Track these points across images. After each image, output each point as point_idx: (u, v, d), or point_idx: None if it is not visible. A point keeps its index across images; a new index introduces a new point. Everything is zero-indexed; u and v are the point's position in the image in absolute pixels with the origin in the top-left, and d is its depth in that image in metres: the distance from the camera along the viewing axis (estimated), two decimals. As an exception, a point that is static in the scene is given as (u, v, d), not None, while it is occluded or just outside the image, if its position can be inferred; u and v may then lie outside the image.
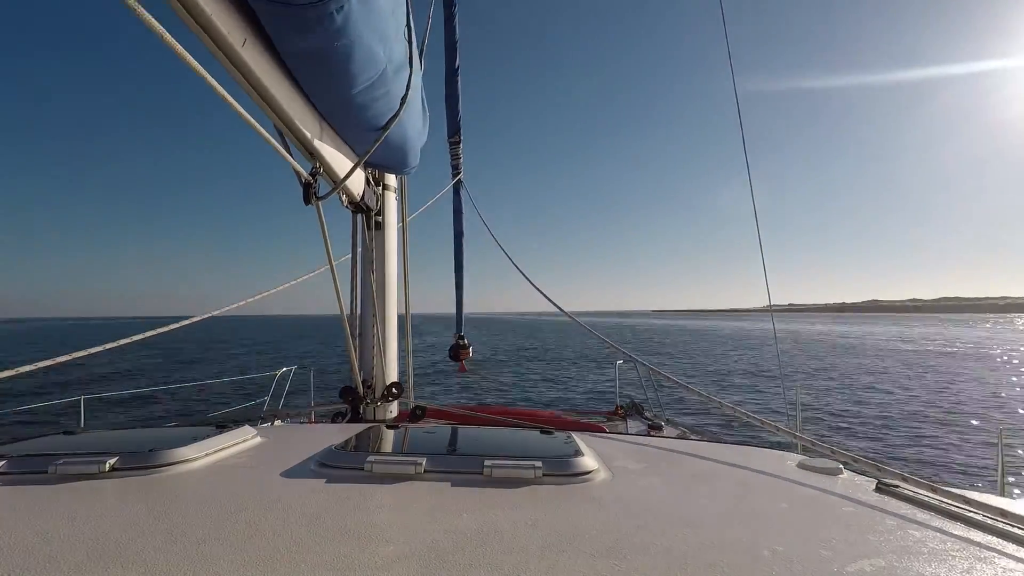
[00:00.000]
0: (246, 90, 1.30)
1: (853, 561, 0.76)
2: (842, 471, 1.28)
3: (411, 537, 0.82)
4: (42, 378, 17.56)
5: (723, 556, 0.76)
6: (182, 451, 1.24)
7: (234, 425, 1.56)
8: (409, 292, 2.89)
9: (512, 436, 1.55)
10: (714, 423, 10.61)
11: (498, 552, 0.76)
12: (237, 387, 13.99)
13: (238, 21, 1.14)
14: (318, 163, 1.68)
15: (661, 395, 4.95)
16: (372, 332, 2.50)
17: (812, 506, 1.03)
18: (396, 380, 2.58)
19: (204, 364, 28.63)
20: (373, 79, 1.50)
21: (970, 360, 27.58)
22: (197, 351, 36.98)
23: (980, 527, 0.93)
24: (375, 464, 1.16)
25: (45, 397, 5.65)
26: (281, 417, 2.82)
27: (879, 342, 42.41)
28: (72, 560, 0.72)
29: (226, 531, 0.83)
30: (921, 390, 17.04)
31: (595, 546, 0.79)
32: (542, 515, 0.92)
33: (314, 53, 1.28)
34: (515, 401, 15.09)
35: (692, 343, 43.17)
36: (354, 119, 1.69)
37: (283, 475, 1.16)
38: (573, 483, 1.12)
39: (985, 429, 11.23)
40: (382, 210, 2.58)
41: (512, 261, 3.35)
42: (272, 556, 0.74)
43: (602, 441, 1.61)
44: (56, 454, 1.19)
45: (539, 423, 2.67)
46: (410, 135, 2.12)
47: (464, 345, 3.74)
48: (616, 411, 4.44)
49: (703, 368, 24.54)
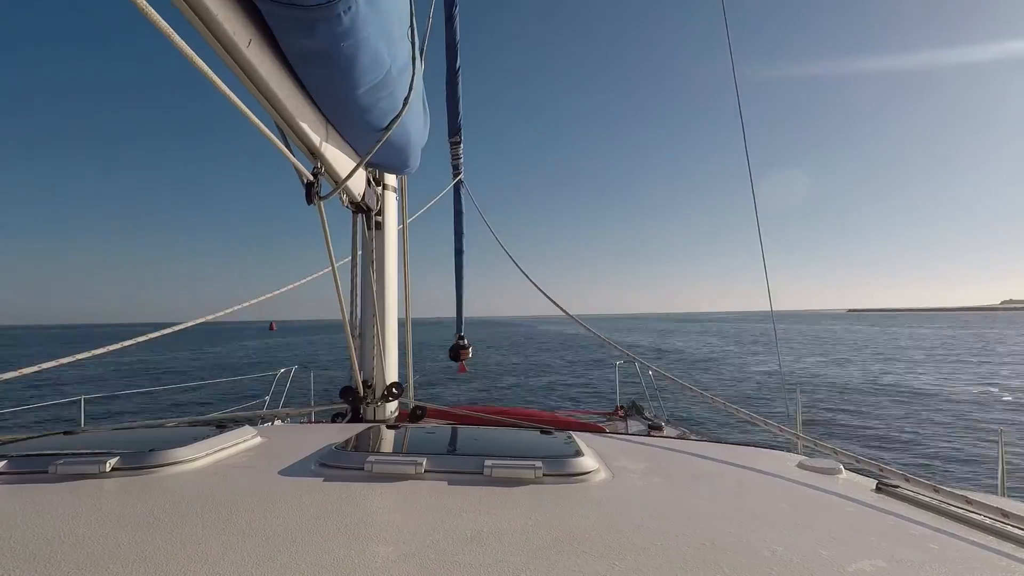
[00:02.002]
0: (250, 90, 1.30)
1: (853, 561, 0.76)
2: (842, 471, 1.28)
3: (411, 537, 0.82)
4: (42, 378, 17.54)
5: (723, 556, 0.77)
6: (182, 451, 1.24)
7: (234, 425, 1.56)
8: (410, 292, 2.89)
9: (512, 436, 1.55)
10: (714, 423, 10.61)
11: (498, 552, 0.77)
12: (237, 387, 13.99)
13: (244, 21, 1.14)
14: (320, 163, 1.68)
15: (661, 395, 4.96)
16: (372, 332, 2.50)
17: (812, 506, 1.03)
18: (396, 380, 2.58)
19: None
20: (377, 80, 1.50)
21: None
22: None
23: (980, 527, 0.93)
24: (375, 464, 1.16)
25: (45, 397, 5.66)
26: (281, 417, 2.82)
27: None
28: (72, 560, 0.73)
29: (226, 531, 0.83)
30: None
31: (595, 546, 0.79)
32: (542, 515, 0.92)
33: (320, 54, 1.28)
34: (515, 401, 15.09)
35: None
36: (357, 119, 1.69)
37: (283, 475, 1.16)
38: (573, 483, 1.12)
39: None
40: (382, 210, 2.58)
41: (514, 261, 3.35)
42: (272, 556, 0.74)
43: (602, 441, 1.61)
44: (56, 454, 1.19)
45: (539, 423, 2.67)
46: (412, 135, 2.12)
47: (464, 345, 3.74)
48: (616, 411, 4.44)
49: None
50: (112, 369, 26.65)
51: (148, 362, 30.48)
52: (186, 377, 23.47)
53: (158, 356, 34.73)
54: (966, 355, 28.75)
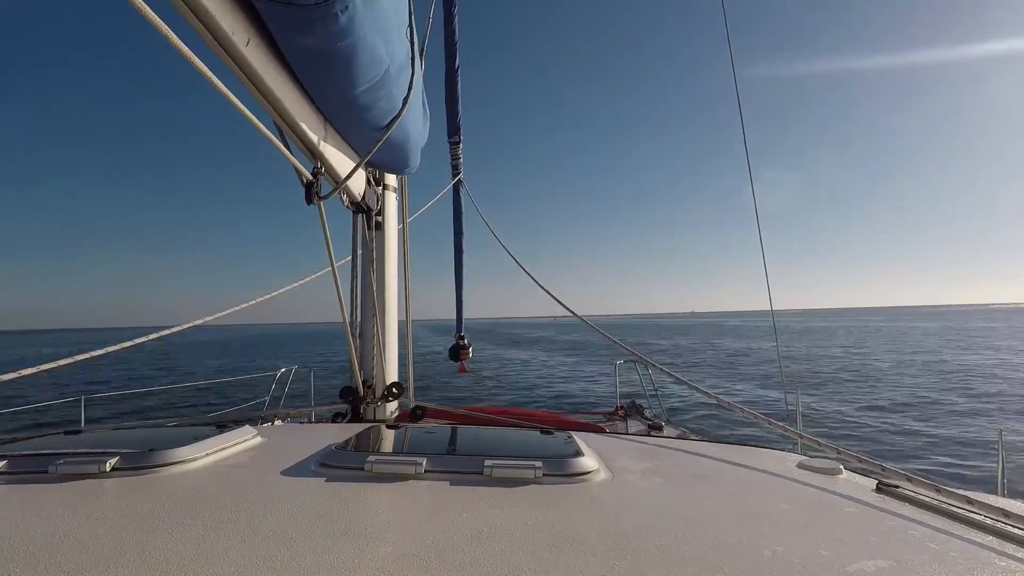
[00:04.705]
0: (249, 90, 1.30)
1: (854, 561, 0.76)
2: (842, 471, 1.28)
3: (411, 537, 0.82)
4: (42, 378, 17.55)
5: (723, 556, 0.76)
6: (182, 451, 1.24)
7: (234, 425, 1.56)
8: (410, 292, 2.89)
9: (512, 436, 1.55)
10: (714, 423, 10.60)
11: (498, 552, 0.76)
12: (237, 387, 13.98)
13: (242, 21, 1.14)
14: (320, 163, 1.68)
15: (661, 395, 4.96)
16: (372, 332, 2.50)
17: (812, 506, 1.03)
18: (396, 380, 2.58)
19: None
20: (376, 79, 1.50)
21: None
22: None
23: (981, 527, 0.93)
24: (375, 464, 1.16)
25: (45, 397, 5.67)
26: (281, 417, 2.81)
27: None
28: (72, 560, 0.72)
29: (226, 531, 0.83)
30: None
31: (595, 546, 0.79)
32: (542, 515, 0.92)
33: (318, 53, 1.28)
34: (515, 401, 15.08)
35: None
36: (356, 119, 1.69)
37: (283, 475, 1.16)
38: (573, 483, 1.12)
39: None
40: (382, 210, 2.58)
41: (516, 260, 3.35)
42: (272, 556, 0.74)
43: (602, 441, 1.61)
44: (56, 454, 1.19)
45: (539, 423, 2.66)
46: (411, 135, 2.12)
47: (464, 345, 3.75)
48: (616, 411, 4.44)
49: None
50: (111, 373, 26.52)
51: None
52: (191, 377, 23.43)
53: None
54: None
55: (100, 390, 16.54)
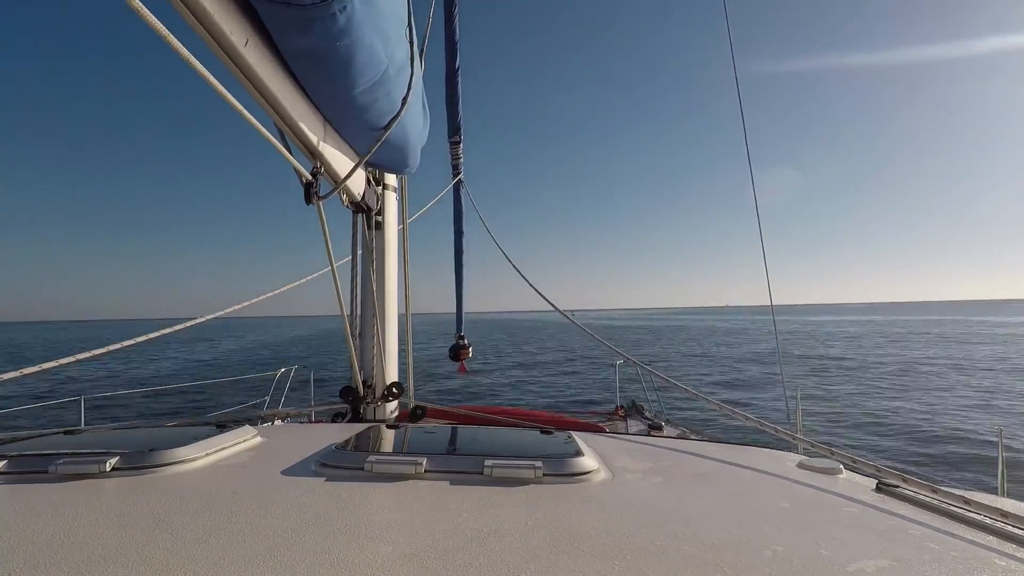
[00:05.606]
0: (248, 90, 1.30)
1: (853, 561, 0.76)
2: (842, 471, 1.28)
3: (411, 537, 0.82)
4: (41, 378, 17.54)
5: (723, 556, 0.76)
6: (182, 451, 1.24)
7: (234, 425, 1.56)
8: (410, 292, 2.89)
9: (512, 436, 1.55)
10: (714, 423, 10.60)
11: (498, 552, 0.76)
12: (237, 387, 13.99)
13: (241, 21, 1.14)
14: (319, 163, 1.68)
15: (661, 395, 4.96)
16: (372, 332, 2.50)
17: (812, 506, 1.03)
18: (396, 380, 2.58)
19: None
20: (375, 79, 1.50)
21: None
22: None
23: (980, 527, 0.93)
24: (375, 464, 1.16)
25: (45, 397, 5.66)
26: (281, 417, 2.82)
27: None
28: (72, 560, 0.73)
29: (226, 531, 0.83)
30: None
31: (595, 546, 0.79)
32: (542, 515, 0.92)
33: (316, 53, 1.28)
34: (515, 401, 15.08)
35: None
36: (355, 119, 1.69)
37: (283, 475, 1.16)
38: (573, 483, 1.12)
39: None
40: (382, 210, 2.58)
41: (510, 261, 3.35)
42: (272, 555, 0.74)
43: (602, 441, 1.61)
44: (56, 453, 1.19)
45: (539, 423, 2.67)
46: (411, 135, 2.12)
47: (464, 345, 3.74)
48: (616, 411, 4.44)
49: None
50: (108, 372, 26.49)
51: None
52: (191, 376, 23.41)
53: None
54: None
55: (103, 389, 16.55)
